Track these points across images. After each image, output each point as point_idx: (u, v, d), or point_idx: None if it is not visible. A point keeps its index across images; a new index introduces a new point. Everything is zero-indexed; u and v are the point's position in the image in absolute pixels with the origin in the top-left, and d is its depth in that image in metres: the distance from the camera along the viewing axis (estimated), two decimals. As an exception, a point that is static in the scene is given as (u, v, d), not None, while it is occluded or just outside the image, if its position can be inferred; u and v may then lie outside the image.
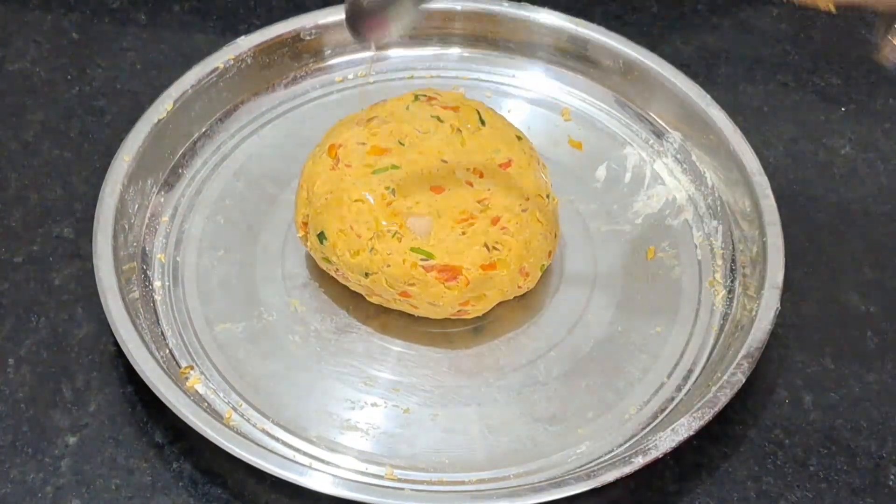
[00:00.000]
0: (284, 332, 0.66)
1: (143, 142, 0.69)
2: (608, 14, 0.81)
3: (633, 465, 0.59)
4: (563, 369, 0.65)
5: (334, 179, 0.65)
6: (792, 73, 0.80)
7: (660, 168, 0.74)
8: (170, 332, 0.66)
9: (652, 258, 0.70)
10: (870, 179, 0.75)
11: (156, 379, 0.60)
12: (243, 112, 0.75)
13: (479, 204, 0.64)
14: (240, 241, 0.69)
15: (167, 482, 0.61)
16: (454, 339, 0.66)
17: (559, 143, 0.74)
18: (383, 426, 0.63)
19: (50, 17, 0.81)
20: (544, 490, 0.58)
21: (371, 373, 0.65)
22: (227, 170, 0.73)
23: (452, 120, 0.67)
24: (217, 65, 0.73)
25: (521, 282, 0.65)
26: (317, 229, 0.65)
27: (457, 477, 0.61)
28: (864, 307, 0.69)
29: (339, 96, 0.76)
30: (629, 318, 0.67)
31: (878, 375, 0.66)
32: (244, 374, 0.64)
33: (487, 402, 0.64)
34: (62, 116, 0.76)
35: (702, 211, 0.72)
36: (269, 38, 0.75)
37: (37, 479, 0.61)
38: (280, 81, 0.76)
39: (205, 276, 0.68)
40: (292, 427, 0.62)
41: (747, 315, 0.65)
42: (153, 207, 0.70)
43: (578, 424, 0.63)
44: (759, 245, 0.67)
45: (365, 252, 0.63)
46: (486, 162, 0.65)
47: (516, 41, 0.77)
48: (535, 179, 0.66)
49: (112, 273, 0.64)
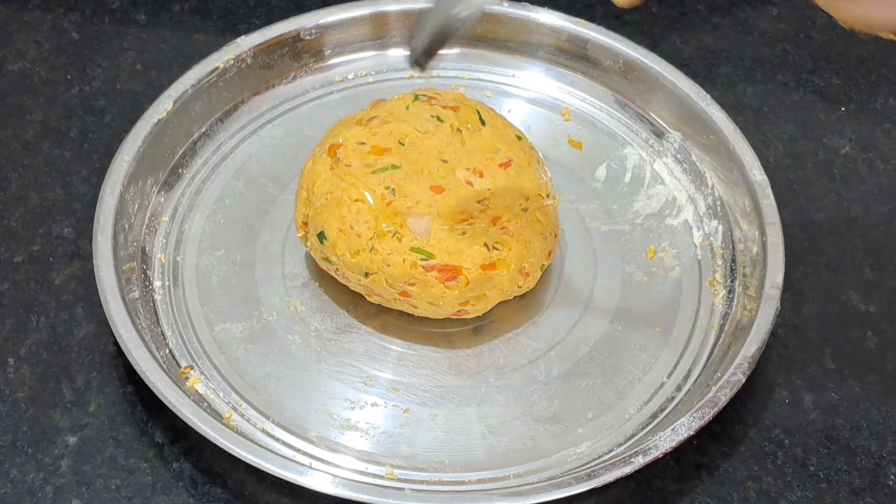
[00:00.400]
0: (284, 331, 0.66)
1: (143, 142, 0.69)
2: (608, 14, 0.81)
3: (633, 464, 0.59)
4: (563, 369, 0.65)
5: (334, 179, 0.65)
6: (792, 73, 0.80)
7: (660, 168, 0.74)
8: (170, 332, 0.66)
9: (652, 258, 0.70)
10: (870, 179, 0.75)
11: (156, 379, 0.60)
12: (243, 112, 0.75)
13: (479, 204, 0.64)
14: (240, 240, 0.70)
15: (167, 482, 0.61)
16: (454, 339, 0.66)
17: (559, 143, 0.74)
18: (383, 426, 0.63)
19: (50, 17, 0.81)
20: (544, 490, 0.58)
21: (371, 373, 0.65)
22: (227, 170, 0.73)
23: (452, 120, 0.67)
24: (217, 64, 0.73)
25: (521, 282, 0.65)
26: (317, 229, 0.64)
27: (457, 477, 0.61)
28: (864, 307, 0.69)
29: (339, 96, 0.76)
30: (629, 318, 0.67)
31: (878, 375, 0.66)
32: (244, 374, 0.64)
33: (487, 402, 0.64)
34: (62, 116, 0.76)
35: (702, 211, 0.72)
36: (269, 37, 0.75)
37: (37, 478, 0.61)
38: (280, 81, 0.76)
39: (205, 276, 0.68)
40: (292, 427, 0.62)
41: (747, 315, 0.65)
42: (153, 207, 0.70)
43: (578, 424, 0.63)
44: (759, 245, 0.67)
45: (365, 252, 0.63)
46: (487, 162, 0.65)
47: (516, 41, 0.77)
48: (535, 179, 0.66)
49: (112, 273, 0.64)
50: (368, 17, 0.76)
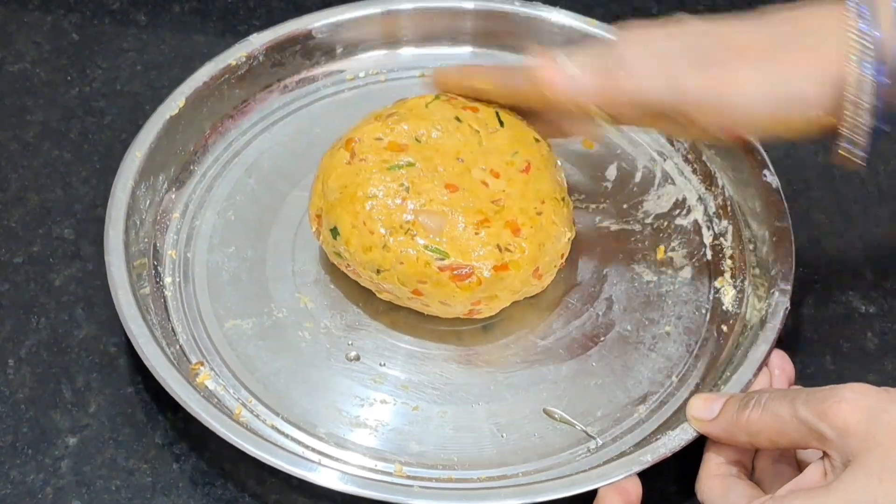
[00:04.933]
0: (294, 328, 0.66)
1: (154, 138, 0.69)
2: (608, 14, 0.81)
3: (642, 463, 0.59)
4: (573, 368, 0.65)
5: (349, 174, 0.64)
6: (794, 73, 0.80)
7: (670, 168, 0.74)
8: (180, 329, 0.66)
9: (662, 257, 0.70)
10: (870, 179, 0.75)
11: (166, 375, 0.60)
12: (255, 109, 0.75)
13: (493, 204, 0.64)
14: (250, 237, 0.70)
15: (167, 483, 0.61)
16: (464, 336, 0.66)
17: (570, 143, 0.74)
18: (392, 423, 0.63)
19: (50, 18, 0.81)
20: (553, 488, 0.58)
21: (380, 370, 0.65)
22: (238, 167, 0.73)
23: (471, 120, 0.66)
24: (229, 62, 0.73)
25: (533, 283, 0.65)
26: (330, 224, 0.64)
27: (466, 474, 0.61)
28: (864, 307, 0.69)
29: (351, 94, 0.76)
30: (638, 317, 0.67)
31: (878, 376, 0.66)
32: (254, 371, 0.64)
33: (496, 400, 0.64)
34: (62, 117, 0.76)
35: (711, 211, 0.72)
36: (280, 35, 0.75)
37: (37, 479, 0.61)
38: (292, 79, 0.76)
39: (215, 273, 0.68)
40: (302, 424, 0.62)
41: (757, 315, 0.65)
42: (164, 204, 0.70)
43: (587, 422, 0.63)
44: (768, 245, 0.67)
45: (378, 248, 0.63)
46: (504, 164, 0.65)
47: (527, 40, 0.77)
48: (551, 182, 0.66)
49: (123, 269, 0.64)
50: (380, 15, 0.76)
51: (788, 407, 0.54)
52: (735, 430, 0.57)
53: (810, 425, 0.53)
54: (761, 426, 0.55)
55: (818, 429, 0.53)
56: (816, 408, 0.53)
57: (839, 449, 0.52)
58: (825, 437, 0.53)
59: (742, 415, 0.56)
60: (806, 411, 0.53)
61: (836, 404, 0.53)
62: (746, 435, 0.56)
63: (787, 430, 0.54)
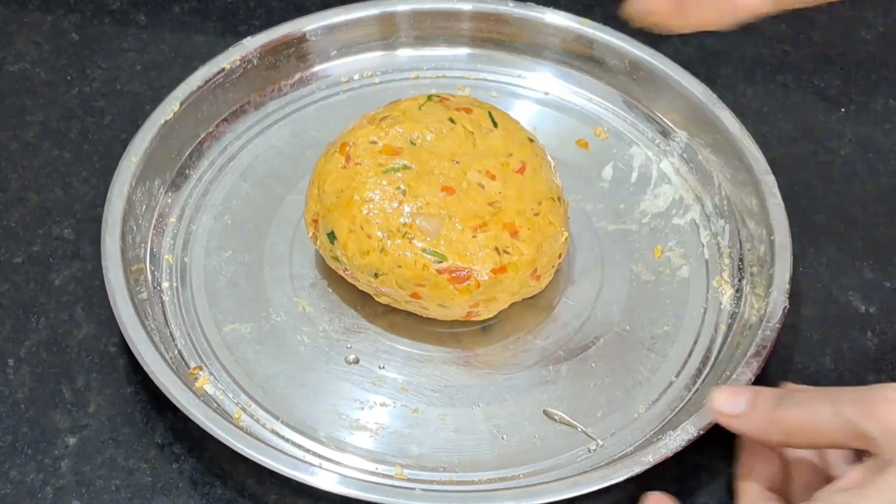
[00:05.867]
0: (293, 332, 0.66)
1: (150, 143, 0.69)
2: (608, 14, 0.80)
3: (642, 464, 0.59)
4: (572, 369, 0.65)
5: (345, 178, 0.64)
6: (792, 73, 0.81)
7: (666, 167, 0.74)
8: (178, 333, 0.65)
9: (659, 257, 0.70)
10: (870, 179, 0.75)
11: (166, 380, 0.60)
12: (250, 113, 0.75)
13: (490, 206, 0.64)
14: (247, 241, 0.69)
15: (167, 483, 0.61)
16: (463, 338, 0.66)
17: (566, 143, 0.74)
18: (392, 426, 0.63)
19: (50, 18, 0.81)
20: (554, 490, 0.58)
21: (379, 373, 0.65)
22: (233, 170, 0.72)
23: (465, 121, 0.67)
24: (223, 65, 0.73)
25: (532, 285, 0.65)
26: (327, 228, 0.64)
27: (466, 476, 0.61)
28: (864, 307, 0.69)
29: (346, 97, 0.76)
30: (637, 317, 0.67)
31: (878, 376, 0.66)
32: (253, 375, 0.64)
33: (496, 402, 0.64)
34: (62, 117, 0.76)
35: (709, 210, 0.72)
36: (275, 38, 0.74)
37: (37, 479, 0.61)
38: (286, 82, 0.76)
39: (213, 277, 0.68)
40: (301, 427, 0.62)
41: (755, 314, 0.65)
42: (160, 208, 0.70)
43: (587, 423, 0.63)
44: (766, 244, 0.67)
45: (375, 252, 0.63)
46: (499, 165, 0.65)
47: (523, 41, 0.77)
48: (546, 182, 0.66)
49: (120, 274, 0.64)
50: (374, 17, 0.76)
51: (830, 406, 0.53)
52: (769, 428, 0.55)
53: (854, 425, 0.52)
54: (799, 425, 0.54)
55: (863, 429, 0.52)
56: (861, 407, 0.52)
57: (883, 449, 0.51)
58: (869, 438, 0.52)
59: (777, 413, 0.55)
60: (850, 410, 0.52)
61: (884, 404, 0.51)
62: (782, 434, 0.55)
63: (828, 430, 0.53)
